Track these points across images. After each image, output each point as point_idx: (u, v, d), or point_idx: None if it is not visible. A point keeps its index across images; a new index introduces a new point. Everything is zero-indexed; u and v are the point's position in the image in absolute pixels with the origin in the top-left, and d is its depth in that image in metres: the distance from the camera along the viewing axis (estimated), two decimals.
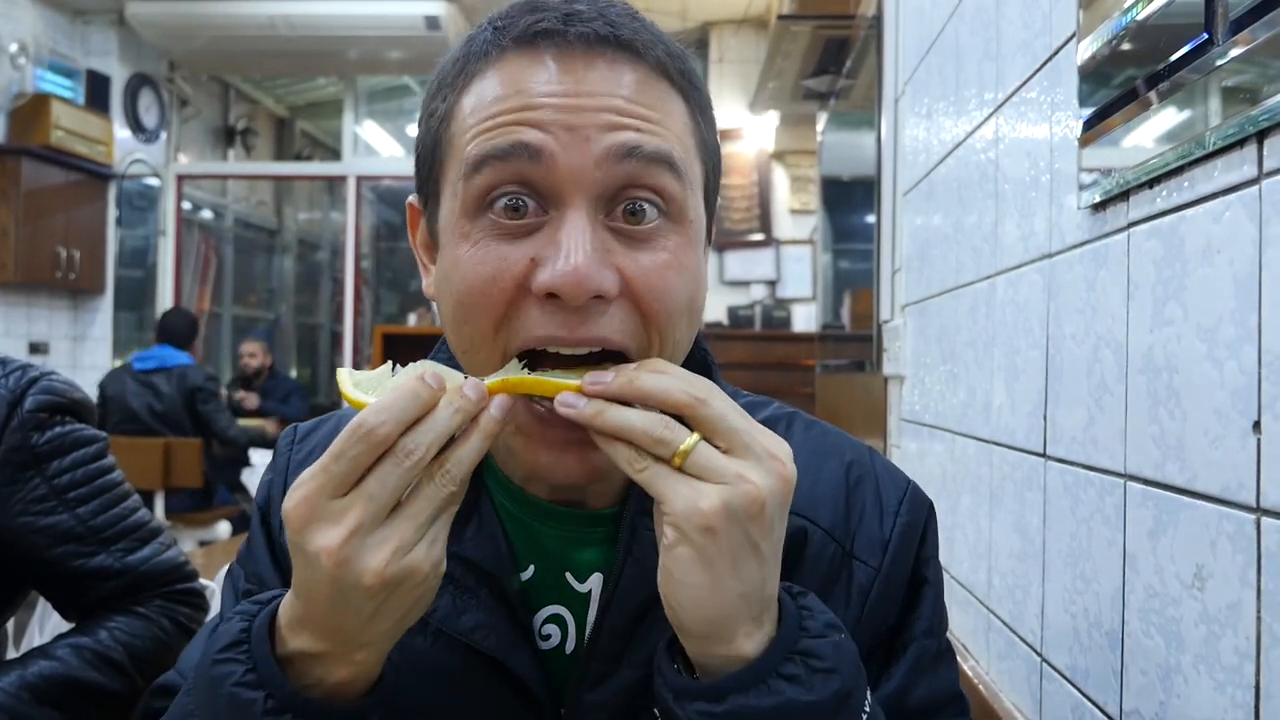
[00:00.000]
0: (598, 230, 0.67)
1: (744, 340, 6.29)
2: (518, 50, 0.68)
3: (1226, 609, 0.73)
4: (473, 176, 0.67)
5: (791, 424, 0.87)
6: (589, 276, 0.64)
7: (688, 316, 0.71)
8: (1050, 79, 1.14)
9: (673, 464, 0.62)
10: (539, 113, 0.66)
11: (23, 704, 1.10)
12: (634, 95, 0.68)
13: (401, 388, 0.61)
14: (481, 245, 0.68)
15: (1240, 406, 0.72)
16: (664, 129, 0.69)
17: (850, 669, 0.65)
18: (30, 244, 5.66)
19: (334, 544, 0.59)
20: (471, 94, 0.69)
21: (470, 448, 0.63)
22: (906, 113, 2.05)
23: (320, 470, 0.60)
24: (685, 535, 0.61)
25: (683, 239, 0.70)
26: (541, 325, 0.67)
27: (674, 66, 0.71)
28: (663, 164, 0.67)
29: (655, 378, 0.63)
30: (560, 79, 0.67)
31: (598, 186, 0.66)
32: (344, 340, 7.42)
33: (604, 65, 0.67)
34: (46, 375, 1.23)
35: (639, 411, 0.63)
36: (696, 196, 0.72)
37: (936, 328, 1.72)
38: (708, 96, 0.76)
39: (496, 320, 0.68)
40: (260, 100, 8.56)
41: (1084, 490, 1.02)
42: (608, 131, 0.66)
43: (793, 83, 5.03)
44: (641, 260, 0.68)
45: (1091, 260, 1.00)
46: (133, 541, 1.26)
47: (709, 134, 0.75)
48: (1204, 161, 0.78)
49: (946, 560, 1.61)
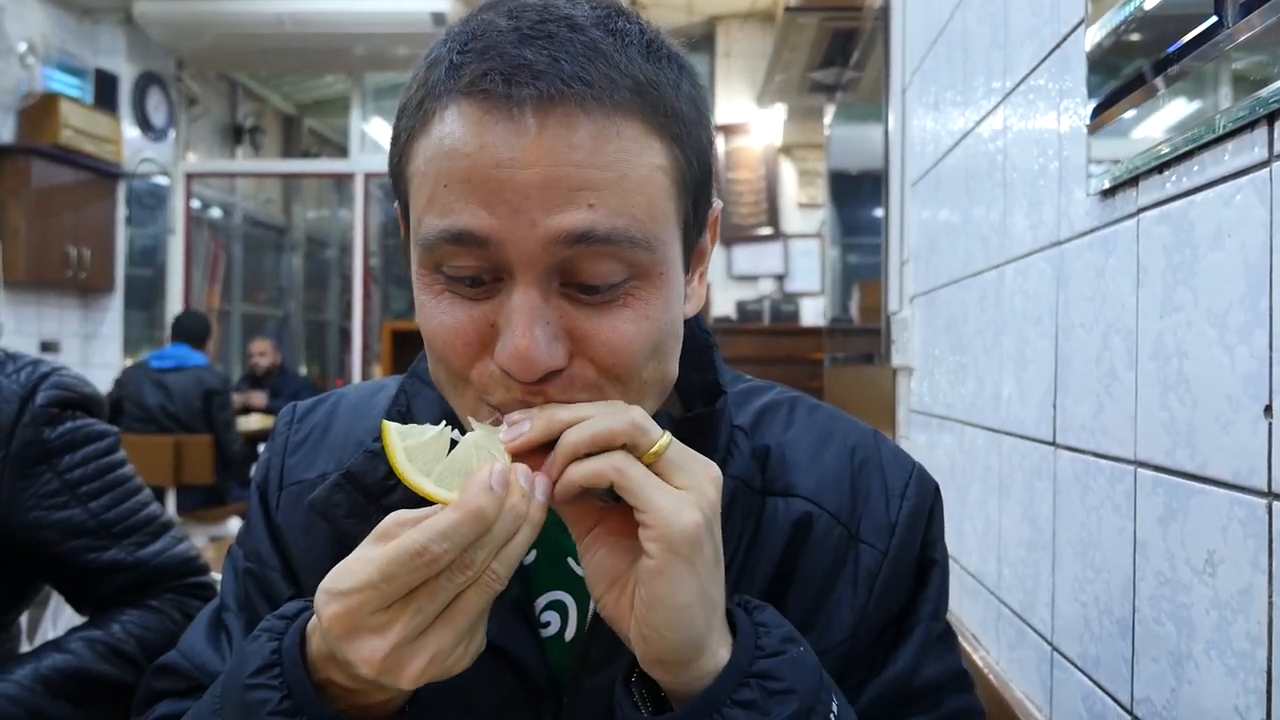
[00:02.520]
0: (551, 300, 0.64)
1: (752, 334, 6.29)
2: (468, 102, 0.62)
3: (1238, 594, 0.73)
4: (427, 249, 0.65)
5: (794, 408, 0.87)
6: (535, 360, 0.62)
7: (655, 361, 0.68)
8: (1059, 66, 1.13)
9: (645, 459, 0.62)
10: (485, 187, 0.61)
11: (37, 697, 1.11)
12: (588, 158, 0.61)
13: (467, 507, 0.58)
14: (444, 300, 0.66)
15: (1251, 391, 0.71)
16: (624, 191, 0.63)
17: (809, 684, 0.64)
18: (40, 243, 5.68)
19: (376, 657, 0.58)
20: (428, 138, 0.65)
21: (519, 544, 0.60)
22: (914, 103, 2.05)
23: (368, 585, 0.58)
24: (676, 551, 0.60)
25: (648, 291, 0.66)
26: (506, 389, 0.65)
27: (644, 102, 0.64)
28: (618, 242, 0.62)
29: (573, 415, 0.63)
30: (508, 147, 0.61)
31: (546, 265, 0.63)
32: (353, 337, 7.44)
33: (555, 124, 0.61)
34: (57, 370, 1.24)
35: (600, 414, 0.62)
36: (667, 249, 0.67)
37: (945, 318, 1.72)
38: (692, 113, 0.69)
39: (464, 373, 0.67)
40: (268, 98, 8.57)
41: (1094, 478, 1.01)
42: (555, 212, 0.61)
43: (800, 75, 5.02)
44: (598, 324, 0.65)
45: (1101, 247, 1.00)
46: (144, 535, 1.26)
47: (691, 160, 0.69)
48: (1214, 145, 0.77)
49: (956, 550, 1.61)
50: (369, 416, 0.87)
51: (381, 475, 0.76)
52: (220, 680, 0.69)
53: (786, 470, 0.81)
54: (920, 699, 0.79)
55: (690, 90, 0.70)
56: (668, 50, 0.69)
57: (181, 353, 5.36)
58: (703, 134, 0.71)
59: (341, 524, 0.76)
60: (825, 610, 0.78)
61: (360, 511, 0.76)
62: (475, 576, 0.59)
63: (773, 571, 0.78)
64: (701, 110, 0.71)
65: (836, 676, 0.78)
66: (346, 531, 0.76)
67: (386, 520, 0.60)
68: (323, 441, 0.88)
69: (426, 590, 0.58)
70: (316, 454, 0.88)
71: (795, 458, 0.82)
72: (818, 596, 0.79)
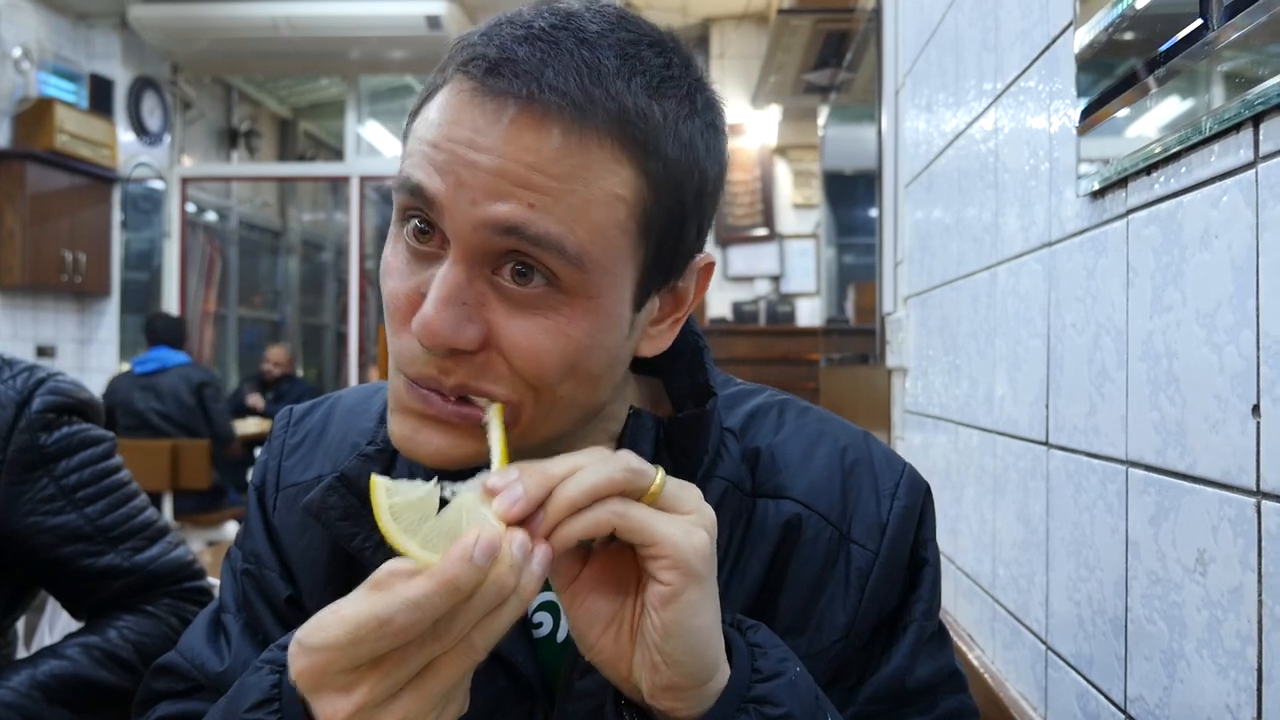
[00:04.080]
0: (475, 284, 0.64)
1: (748, 335, 6.29)
2: (464, 80, 0.65)
3: (1228, 593, 0.74)
4: (395, 193, 0.68)
5: (784, 411, 0.87)
6: (439, 332, 0.63)
7: (572, 381, 0.68)
8: (1048, 68, 1.14)
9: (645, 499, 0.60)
10: (446, 156, 0.63)
11: (34, 703, 1.11)
12: (545, 164, 0.62)
13: (441, 577, 0.54)
14: (400, 254, 0.68)
15: (1239, 391, 0.72)
16: (571, 205, 0.63)
17: (806, 707, 0.64)
18: (36, 247, 5.68)
19: (339, 716, 0.57)
20: (428, 106, 0.69)
21: (505, 618, 0.57)
22: (907, 105, 2.05)
23: (334, 646, 0.55)
24: (692, 574, 0.59)
25: (573, 310, 0.66)
26: (424, 363, 0.66)
27: (624, 133, 0.64)
28: (548, 248, 0.63)
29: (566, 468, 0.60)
30: (477, 127, 0.63)
31: (477, 249, 0.64)
32: (349, 340, 7.44)
33: (525, 124, 0.62)
34: (53, 376, 1.24)
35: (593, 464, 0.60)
36: (604, 277, 0.66)
37: (938, 319, 1.72)
38: (683, 162, 0.68)
39: (394, 336, 0.68)
40: (263, 102, 8.57)
41: (1086, 478, 1.02)
42: (494, 200, 0.62)
43: (794, 77, 5.04)
44: (515, 322, 0.65)
45: (1091, 248, 1.01)
46: (141, 540, 1.26)
47: (661, 203, 0.68)
48: (1201, 146, 0.78)
49: (951, 550, 1.61)
50: (365, 419, 0.88)
51: None
52: (219, 708, 0.69)
53: (777, 472, 0.82)
54: (915, 700, 0.80)
55: (694, 134, 0.69)
56: (689, 90, 0.68)
57: (162, 354, 5.38)
58: (689, 179, 0.69)
59: (335, 527, 0.76)
60: (818, 611, 0.79)
61: (354, 514, 0.76)
62: (450, 646, 0.56)
63: (763, 573, 0.79)
64: (699, 155, 0.69)
65: (831, 677, 0.79)
66: (341, 534, 0.76)
67: (381, 569, 0.57)
68: (319, 444, 0.89)
69: (395, 656, 0.56)
70: (313, 456, 0.88)
71: (786, 460, 0.82)
72: (810, 597, 0.79)
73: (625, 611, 0.63)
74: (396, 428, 0.70)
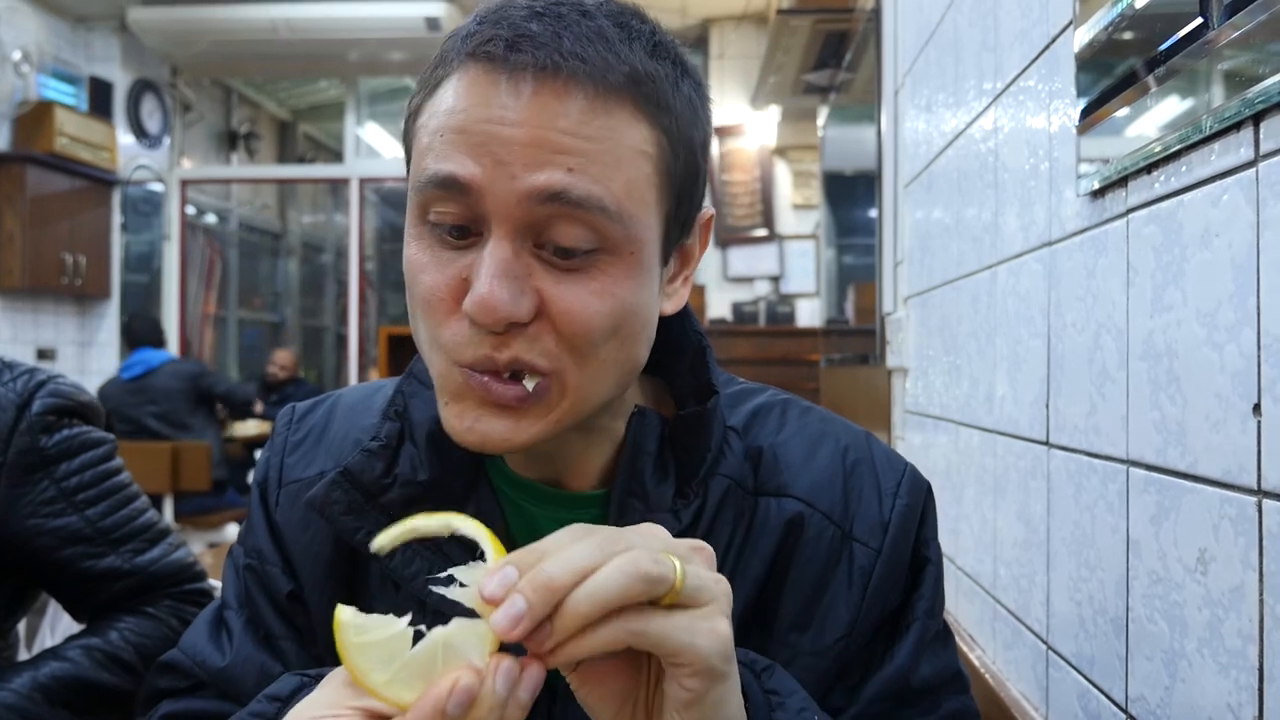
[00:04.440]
0: (521, 257, 0.66)
1: (748, 336, 6.29)
2: (474, 65, 0.67)
3: (1229, 592, 0.74)
4: (418, 193, 0.68)
5: (786, 411, 0.87)
6: (498, 306, 0.64)
7: (614, 341, 0.69)
8: (1048, 67, 1.14)
9: (663, 602, 0.55)
10: (475, 139, 0.65)
11: (35, 705, 1.11)
12: (575, 127, 0.65)
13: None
14: (427, 250, 0.69)
15: (1240, 390, 0.72)
16: (602, 164, 0.66)
17: None
18: (36, 250, 5.69)
19: None
20: (433, 100, 0.70)
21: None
22: (906, 105, 2.05)
23: None
24: (716, 675, 0.56)
25: (617, 268, 0.68)
26: (476, 345, 0.67)
27: (639, 90, 0.67)
28: (591, 208, 0.65)
29: (568, 571, 0.53)
30: (504, 105, 0.65)
31: (521, 220, 0.65)
32: (349, 342, 7.44)
33: (549, 93, 0.65)
34: (54, 378, 1.24)
35: (606, 572, 0.53)
36: (641, 230, 0.69)
37: (939, 319, 1.72)
38: (690, 114, 0.72)
39: (438, 329, 0.69)
40: (262, 104, 8.58)
41: (1087, 478, 1.02)
42: (535, 170, 0.64)
43: (793, 77, 5.04)
44: (564, 288, 0.67)
45: (1091, 247, 1.01)
46: (141, 542, 1.26)
47: (679, 156, 0.71)
48: (1201, 145, 0.78)
49: (952, 551, 1.61)
50: (367, 416, 0.88)
51: (378, 473, 0.78)
52: None
53: (779, 471, 0.82)
54: (918, 699, 0.80)
55: (690, 93, 0.73)
56: (675, 54, 0.72)
57: (145, 356, 5.38)
58: (695, 134, 0.73)
59: (338, 521, 0.77)
60: (821, 609, 0.79)
61: (358, 509, 0.77)
62: None
63: (765, 572, 0.79)
64: (698, 113, 0.74)
65: (834, 676, 0.79)
66: (344, 528, 0.77)
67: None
68: (321, 441, 0.89)
69: None
70: (315, 453, 0.89)
71: (788, 459, 0.83)
72: (812, 596, 0.79)
73: (640, 691, 0.60)
74: (456, 420, 0.70)
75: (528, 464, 0.81)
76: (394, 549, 0.77)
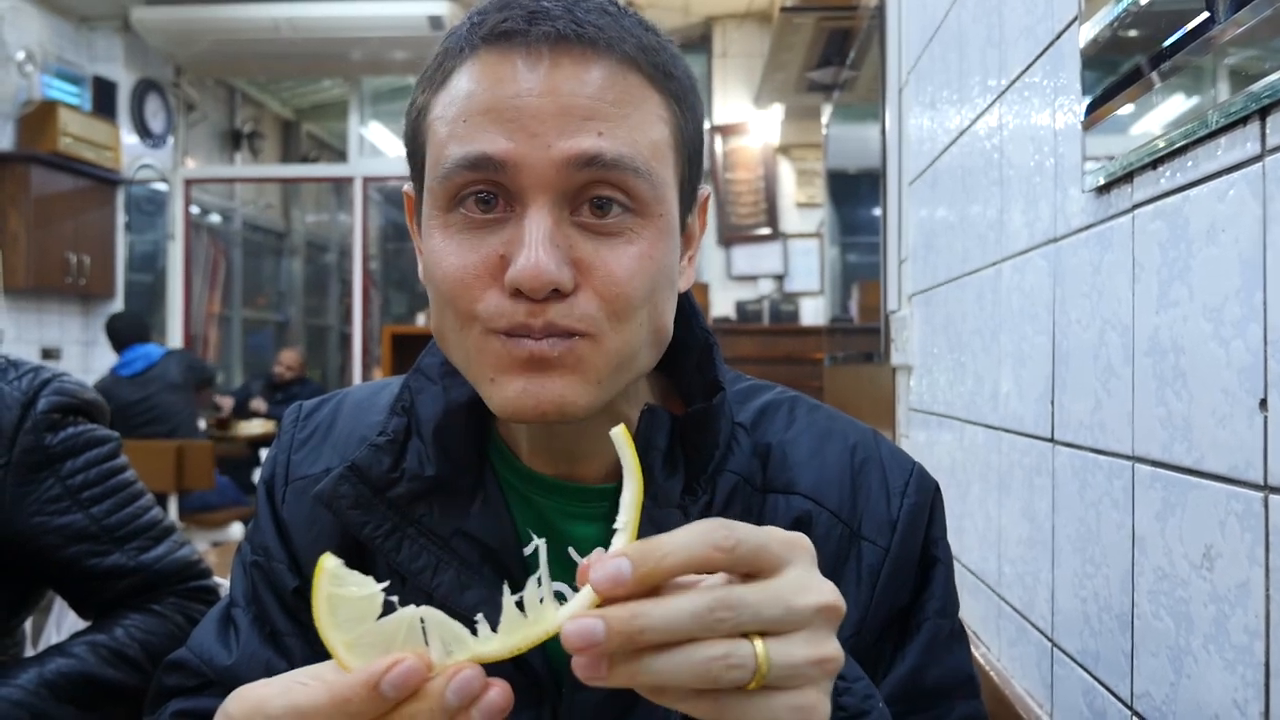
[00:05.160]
0: (561, 226, 0.68)
1: (752, 335, 6.28)
2: (487, 49, 0.69)
3: (1236, 588, 0.73)
4: (444, 180, 0.69)
5: (795, 408, 0.88)
6: (545, 272, 0.65)
7: (650, 304, 0.71)
8: (1053, 63, 1.14)
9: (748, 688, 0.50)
10: (503, 115, 0.67)
11: (41, 700, 1.11)
12: (599, 94, 0.68)
13: (336, 693, 0.51)
14: (455, 237, 0.70)
15: (1247, 385, 0.72)
16: (629, 127, 0.69)
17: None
18: (40, 250, 5.70)
19: None
20: (445, 91, 0.71)
21: None
22: (910, 102, 2.05)
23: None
24: None
25: (650, 231, 0.70)
26: (512, 313, 0.68)
27: (646, 59, 0.71)
28: (625, 169, 0.68)
29: (669, 543, 0.50)
30: (525, 80, 0.67)
31: (559, 189, 0.67)
32: (353, 341, 7.45)
33: (569, 64, 0.68)
34: (58, 377, 1.24)
35: (687, 658, 0.49)
36: (666, 191, 0.72)
37: (943, 317, 1.72)
38: (689, 84, 0.76)
39: (472, 306, 0.69)
40: (266, 103, 8.58)
41: (1092, 474, 1.02)
42: (568, 137, 0.66)
43: (797, 75, 5.03)
44: (603, 252, 0.69)
45: (1096, 244, 1.00)
46: (146, 540, 1.26)
47: (688, 122, 0.75)
48: (1207, 140, 0.78)
49: (957, 548, 1.61)
50: (373, 413, 0.88)
51: (386, 468, 0.78)
52: None
53: (787, 468, 0.82)
54: (930, 702, 0.79)
55: (684, 66, 0.76)
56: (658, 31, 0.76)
57: (146, 350, 5.38)
58: (696, 103, 0.77)
59: (346, 515, 0.77)
60: None
61: (365, 503, 0.77)
62: None
63: None
64: (695, 83, 0.77)
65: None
66: (352, 522, 0.77)
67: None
68: (327, 438, 0.90)
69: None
70: (321, 450, 0.89)
71: (796, 456, 0.83)
72: None
73: None
74: (506, 390, 0.70)
75: (543, 458, 0.81)
76: (400, 543, 0.77)
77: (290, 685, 0.55)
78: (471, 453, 0.80)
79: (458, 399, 0.80)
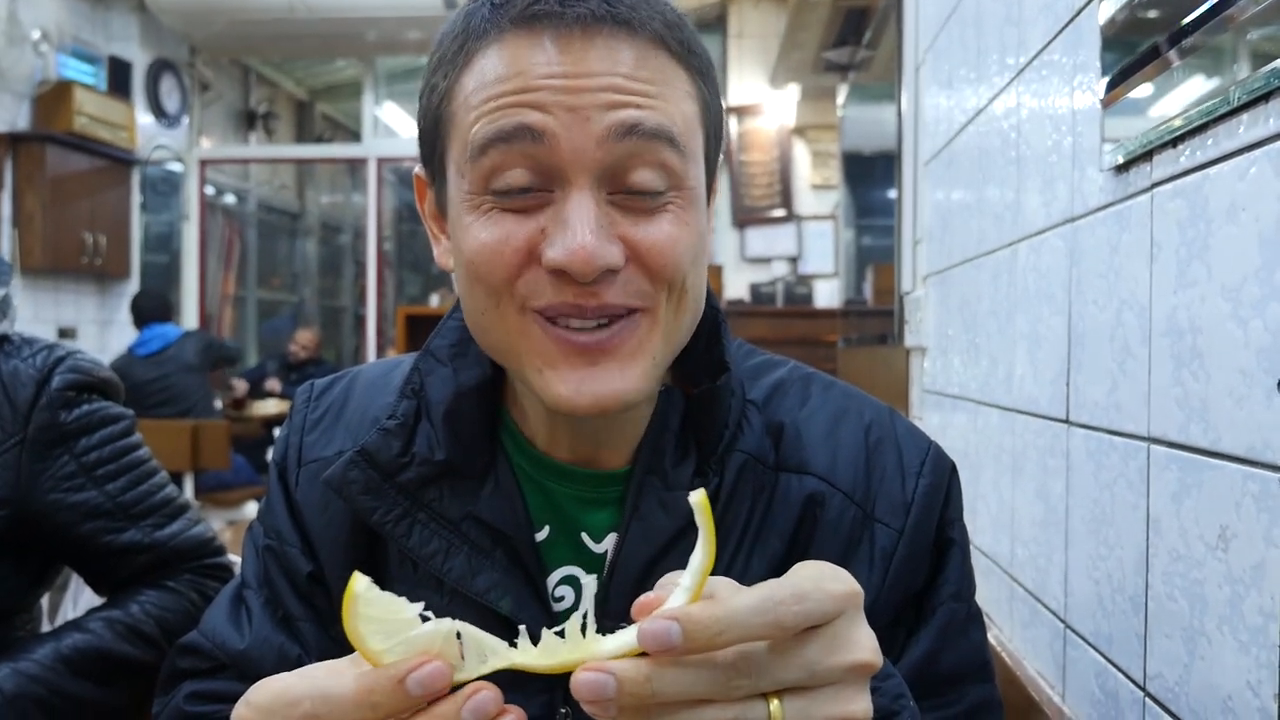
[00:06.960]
0: (602, 206, 0.68)
1: (766, 317, 6.26)
2: (516, 30, 0.69)
3: (1251, 569, 0.73)
4: (479, 158, 0.68)
5: (809, 385, 0.87)
6: (596, 254, 0.65)
7: (694, 272, 0.73)
8: (1072, 40, 1.12)
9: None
10: (540, 94, 0.67)
11: (57, 675, 1.12)
12: (632, 71, 0.68)
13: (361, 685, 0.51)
14: (490, 216, 0.69)
15: (1265, 365, 0.71)
16: (663, 101, 0.69)
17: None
18: (56, 230, 5.72)
19: None
20: (472, 73, 0.70)
21: None
22: (927, 82, 2.03)
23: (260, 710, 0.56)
24: None
25: (685, 203, 0.71)
26: (556, 293, 0.68)
27: (672, 37, 0.71)
28: (663, 139, 0.68)
29: (727, 619, 0.49)
30: (559, 59, 0.67)
31: (600, 164, 0.67)
32: (367, 322, 7.47)
33: (602, 43, 0.68)
34: (73, 354, 1.25)
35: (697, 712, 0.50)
36: (697, 163, 0.73)
37: (958, 298, 1.71)
38: (708, 59, 0.76)
39: (509, 278, 0.69)
40: (280, 83, 8.58)
41: (1107, 455, 1.01)
42: (607, 110, 0.67)
43: (813, 55, 5.00)
44: (646, 229, 0.69)
45: (1114, 223, 0.99)
46: (161, 517, 1.27)
47: (711, 97, 0.76)
48: (1228, 118, 0.77)
49: (970, 529, 1.60)
50: (386, 393, 0.88)
51: (396, 452, 0.77)
52: None
53: (801, 447, 0.81)
54: (944, 688, 0.79)
55: (702, 43, 0.77)
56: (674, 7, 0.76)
57: (164, 330, 5.43)
58: (716, 81, 0.78)
59: (356, 501, 0.77)
60: None
61: (375, 488, 0.77)
62: None
63: (784, 549, 0.78)
64: (712, 60, 0.78)
65: None
66: (362, 508, 0.77)
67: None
68: (340, 419, 0.89)
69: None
70: (334, 431, 0.89)
71: (810, 435, 0.82)
72: None
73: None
74: (559, 386, 0.70)
75: (564, 444, 0.80)
76: (411, 528, 0.77)
77: (314, 674, 0.56)
78: (482, 436, 0.80)
79: (468, 381, 0.80)
